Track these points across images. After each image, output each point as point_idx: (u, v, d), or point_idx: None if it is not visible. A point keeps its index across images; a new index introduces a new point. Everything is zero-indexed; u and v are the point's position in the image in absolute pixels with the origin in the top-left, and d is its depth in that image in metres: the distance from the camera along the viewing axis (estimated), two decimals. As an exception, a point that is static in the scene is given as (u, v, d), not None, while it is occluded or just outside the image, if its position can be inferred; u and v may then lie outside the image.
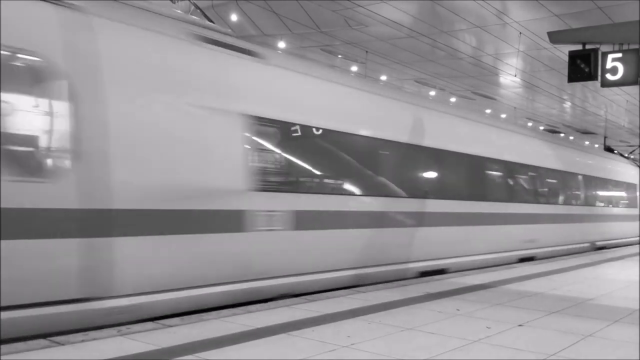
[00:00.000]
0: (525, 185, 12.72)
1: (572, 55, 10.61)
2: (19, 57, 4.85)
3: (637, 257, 13.03)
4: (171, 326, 4.95)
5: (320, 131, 7.76)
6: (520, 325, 5.42)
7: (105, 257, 5.13)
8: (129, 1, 6.13)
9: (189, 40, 6.30)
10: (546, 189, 13.60)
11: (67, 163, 4.95)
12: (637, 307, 6.47)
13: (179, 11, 6.95)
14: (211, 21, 10.09)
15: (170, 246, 5.66)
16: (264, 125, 6.85)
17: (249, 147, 6.53)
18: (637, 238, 18.58)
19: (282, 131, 7.26)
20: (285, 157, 7.41)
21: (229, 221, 6.22)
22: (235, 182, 6.32)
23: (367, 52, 19.71)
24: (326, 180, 8.01)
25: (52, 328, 4.72)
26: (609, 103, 26.44)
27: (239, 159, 6.39)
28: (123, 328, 4.80)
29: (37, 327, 4.67)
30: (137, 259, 5.37)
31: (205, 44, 6.45)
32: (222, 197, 6.18)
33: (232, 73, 6.65)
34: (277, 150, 7.23)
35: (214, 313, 5.52)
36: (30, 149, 4.89)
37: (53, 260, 4.83)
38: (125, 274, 5.29)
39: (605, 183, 16.80)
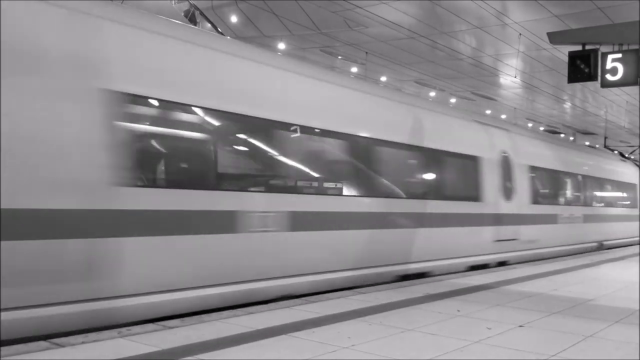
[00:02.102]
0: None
1: (572, 56, 10.60)
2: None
3: (637, 258, 13.02)
4: (171, 327, 4.94)
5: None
6: (520, 326, 5.42)
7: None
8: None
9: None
10: None
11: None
12: (638, 308, 6.47)
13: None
14: (211, 22, 10.10)
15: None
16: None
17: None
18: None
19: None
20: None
21: None
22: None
23: (367, 53, 19.72)
24: None
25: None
26: (609, 103, 26.44)
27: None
28: (123, 330, 4.79)
29: None
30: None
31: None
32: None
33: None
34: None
35: (214, 314, 5.52)
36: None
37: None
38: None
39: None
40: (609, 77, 10.28)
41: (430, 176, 9.67)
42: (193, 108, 6.04)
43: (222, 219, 6.06)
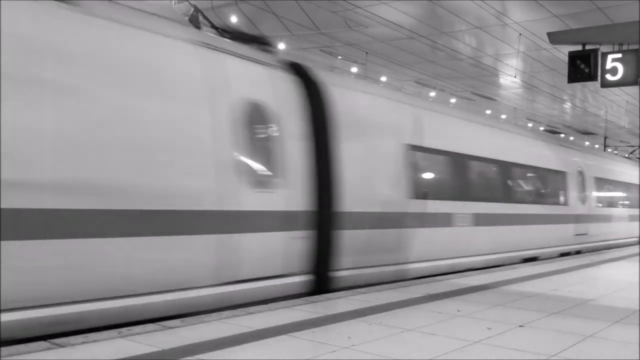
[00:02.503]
0: None
1: (572, 56, 10.61)
2: None
3: (637, 258, 13.03)
4: (171, 328, 4.95)
5: None
6: (521, 326, 5.42)
7: None
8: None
9: None
10: None
11: None
12: (638, 308, 6.47)
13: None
14: (211, 23, 10.09)
15: None
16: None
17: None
18: None
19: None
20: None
21: None
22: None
23: (367, 53, 19.73)
24: None
25: None
26: (609, 103, 26.46)
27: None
28: (124, 330, 4.80)
29: None
30: None
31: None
32: None
33: None
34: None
35: (214, 315, 5.52)
36: None
37: None
38: None
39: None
40: (609, 77, 10.29)
41: (545, 187, 13.67)
42: (435, 149, 9.63)
43: (446, 218, 9.64)
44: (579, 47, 10.62)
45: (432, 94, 25.97)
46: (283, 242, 6.64)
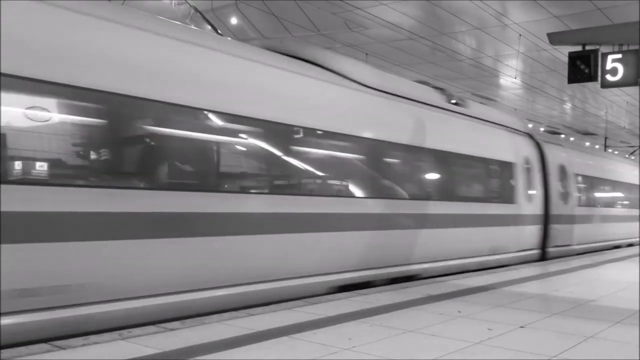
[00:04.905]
0: None
1: (572, 57, 10.59)
2: None
3: (637, 258, 13.03)
4: (172, 329, 4.95)
5: None
6: (521, 327, 5.42)
7: None
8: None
9: None
10: None
11: None
12: (638, 308, 6.46)
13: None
14: (211, 24, 10.10)
15: None
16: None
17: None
18: None
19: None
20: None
21: None
22: None
23: (367, 54, 19.72)
24: None
25: None
26: (609, 104, 26.44)
27: None
28: (124, 332, 4.80)
29: None
30: None
31: None
32: None
33: None
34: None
35: (215, 316, 5.52)
36: None
37: None
38: None
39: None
40: (609, 77, 10.27)
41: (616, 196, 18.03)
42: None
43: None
44: (579, 48, 10.60)
45: (432, 94, 25.93)
46: None
